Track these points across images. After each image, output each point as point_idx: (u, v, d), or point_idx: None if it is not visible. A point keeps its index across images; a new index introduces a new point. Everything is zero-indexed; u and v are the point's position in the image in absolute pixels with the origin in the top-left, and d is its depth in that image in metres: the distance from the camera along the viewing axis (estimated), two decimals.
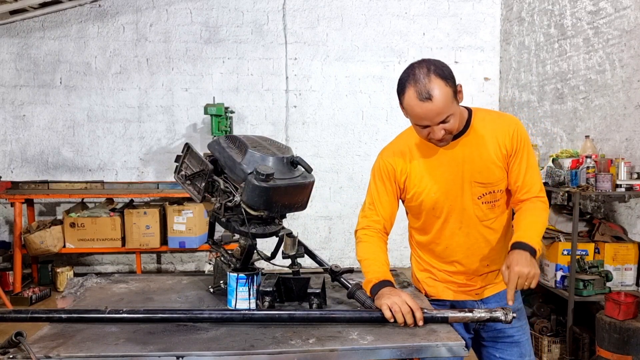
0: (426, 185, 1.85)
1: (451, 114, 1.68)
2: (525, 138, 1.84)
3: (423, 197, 1.86)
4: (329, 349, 1.47)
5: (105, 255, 6.05)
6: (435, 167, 1.84)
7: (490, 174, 1.82)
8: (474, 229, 1.87)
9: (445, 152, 1.83)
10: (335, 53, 6.11)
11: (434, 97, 1.63)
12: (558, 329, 3.78)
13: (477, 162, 1.81)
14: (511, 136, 1.81)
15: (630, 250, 3.65)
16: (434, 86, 1.64)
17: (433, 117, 1.67)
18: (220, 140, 1.81)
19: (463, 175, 1.82)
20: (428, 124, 1.69)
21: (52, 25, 5.84)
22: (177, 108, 6.01)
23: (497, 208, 1.87)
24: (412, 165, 1.87)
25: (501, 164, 1.82)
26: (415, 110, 1.68)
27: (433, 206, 1.86)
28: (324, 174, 6.06)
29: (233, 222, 1.75)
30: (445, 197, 1.84)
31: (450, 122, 1.70)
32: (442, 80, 1.65)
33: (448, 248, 1.92)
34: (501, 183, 1.84)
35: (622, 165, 3.60)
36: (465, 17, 6.16)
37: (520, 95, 5.68)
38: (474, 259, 1.91)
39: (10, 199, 5.25)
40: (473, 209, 1.85)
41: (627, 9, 3.91)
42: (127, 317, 1.63)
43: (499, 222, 1.90)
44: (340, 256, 6.19)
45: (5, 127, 5.88)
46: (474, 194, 1.83)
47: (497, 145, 1.81)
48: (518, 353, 1.98)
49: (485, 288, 1.97)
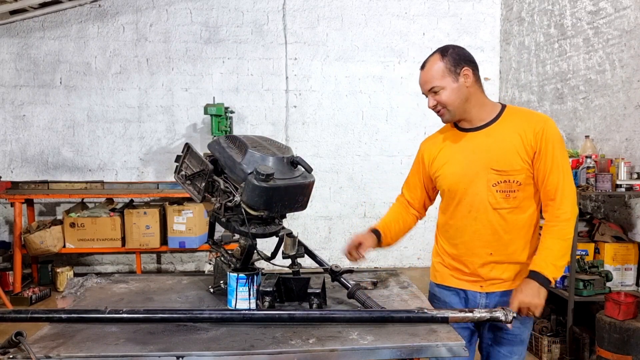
0: (446, 167, 2.00)
1: (441, 87, 1.89)
2: (553, 138, 1.87)
3: (441, 178, 2.01)
4: (329, 349, 1.47)
5: (105, 255, 6.05)
6: (457, 152, 1.98)
7: (507, 162, 1.88)
8: (483, 214, 1.93)
9: (471, 139, 1.96)
10: (335, 53, 6.11)
11: (425, 66, 1.93)
12: (558, 329, 3.78)
13: (497, 151, 1.90)
14: (535, 132, 1.87)
15: (630, 250, 3.65)
16: (431, 59, 1.93)
17: (423, 84, 1.94)
18: (220, 140, 1.81)
19: (481, 161, 1.91)
20: (424, 92, 1.96)
21: (52, 25, 5.84)
22: (177, 108, 6.01)
23: (512, 199, 1.90)
24: (439, 150, 2.04)
25: (523, 156, 1.87)
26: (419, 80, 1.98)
27: (449, 187, 1.99)
28: (324, 174, 6.06)
29: (233, 222, 1.75)
30: (460, 180, 1.95)
31: (441, 95, 1.90)
32: (440, 54, 1.92)
33: (457, 230, 2.00)
34: (518, 174, 1.88)
35: (622, 165, 3.60)
36: (465, 17, 6.16)
37: (520, 95, 5.68)
38: (478, 243, 1.95)
39: (10, 199, 5.25)
40: (486, 195, 1.91)
41: (627, 9, 3.91)
42: (127, 317, 1.63)
43: (513, 215, 1.92)
44: (340, 256, 6.12)
45: (5, 127, 5.88)
46: (489, 180, 1.90)
47: (521, 138, 1.88)
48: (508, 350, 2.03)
49: (492, 283, 1.98)
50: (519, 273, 1.96)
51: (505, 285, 1.97)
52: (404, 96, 6.15)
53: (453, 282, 2.04)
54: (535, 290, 1.80)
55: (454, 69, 1.88)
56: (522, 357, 2.07)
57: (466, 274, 2.00)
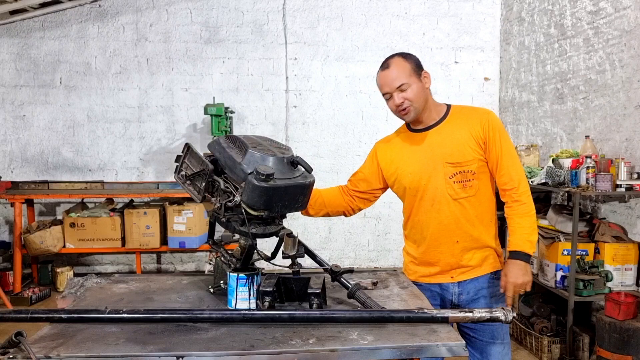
0: (404, 167, 2.13)
1: (408, 84, 2.01)
2: (497, 126, 2.06)
3: (401, 177, 2.14)
4: (329, 349, 1.47)
5: (105, 255, 6.05)
6: (412, 152, 2.13)
7: (460, 155, 2.05)
8: (445, 206, 2.07)
9: (422, 138, 2.12)
10: (335, 53, 6.11)
11: (390, 66, 2.04)
12: (558, 329, 3.78)
13: (449, 145, 2.06)
14: (482, 124, 2.05)
15: (630, 250, 3.65)
16: (393, 60, 2.05)
17: (390, 82, 2.02)
18: (220, 140, 1.81)
19: (436, 157, 2.07)
20: (389, 91, 2.04)
21: (52, 25, 5.84)
22: (177, 108, 6.02)
23: (468, 188, 2.06)
24: (396, 151, 2.18)
25: (473, 147, 2.04)
26: (378, 81, 2.07)
27: (409, 185, 2.12)
28: (324, 174, 6.06)
29: (233, 222, 1.75)
30: (419, 177, 2.09)
31: (408, 92, 2.01)
32: (402, 57, 2.05)
33: (422, 224, 2.13)
34: (471, 164, 2.04)
35: (622, 165, 3.60)
36: (465, 17, 6.16)
37: (520, 95, 5.68)
38: (444, 233, 2.09)
39: (10, 199, 5.25)
40: (445, 187, 2.06)
41: (627, 9, 3.91)
42: (127, 317, 1.63)
43: (471, 203, 2.07)
44: (340, 256, 6.19)
45: (5, 127, 5.88)
46: (446, 173, 2.06)
47: (469, 131, 2.05)
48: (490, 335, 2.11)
49: (462, 271, 2.11)
50: (485, 258, 2.11)
51: (474, 272, 2.11)
52: None
53: (425, 279, 2.16)
54: (522, 269, 1.96)
55: (417, 70, 2.04)
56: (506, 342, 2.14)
57: (437, 268, 2.12)
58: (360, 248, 6.27)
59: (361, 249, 6.27)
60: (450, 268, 2.11)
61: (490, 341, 2.11)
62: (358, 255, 6.27)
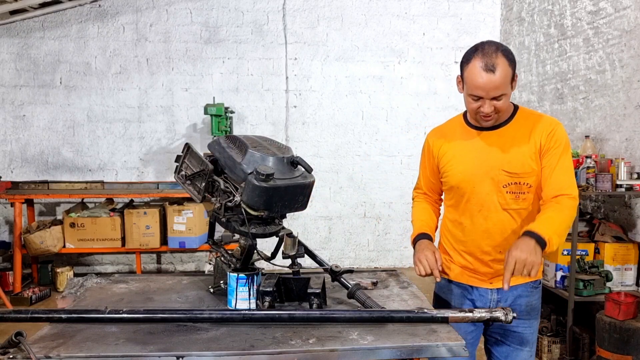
0: (454, 165, 1.97)
1: (505, 94, 1.80)
2: (562, 140, 1.88)
3: (450, 174, 1.99)
4: (329, 349, 1.47)
5: (105, 255, 6.05)
6: (468, 151, 1.96)
7: (519, 165, 1.88)
8: (494, 213, 1.92)
9: (483, 139, 1.93)
10: (335, 53, 6.10)
11: (497, 70, 1.76)
12: (558, 329, 3.78)
13: (510, 152, 1.89)
14: (548, 133, 1.87)
15: (630, 250, 3.65)
16: (499, 61, 1.77)
17: (490, 90, 1.78)
18: (220, 140, 1.81)
19: (493, 161, 1.90)
20: (482, 96, 1.80)
21: (52, 25, 5.84)
22: (177, 108, 6.01)
23: (521, 201, 1.91)
24: (449, 145, 2.00)
25: (534, 158, 1.88)
26: (476, 80, 1.79)
27: (458, 184, 1.97)
28: (324, 174, 6.06)
29: (233, 222, 1.75)
30: (469, 178, 1.93)
31: (502, 101, 1.81)
32: (507, 60, 1.79)
33: (467, 227, 1.99)
34: (529, 177, 1.88)
35: (622, 165, 3.60)
36: (465, 17, 6.16)
37: (520, 95, 5.67)
38: (489, 241, 1.95)
39: (10, 199, 5.24)
40: (496, 196, 1.91)
41: (627, 9, 3.90)
42: (127, 317, 1.63)
43: (521, 215, 1.92)
44: (340, 256, 6.19)
45: (5, 127, 5.88)
46: (500, 181, 1.90)
47: (534, 140, 1.88)
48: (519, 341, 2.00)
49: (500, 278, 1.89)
50: None
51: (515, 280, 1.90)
52: (404, 96, 6.16)
53: (464, 278, 2.03)
54: (532, 247, 1.67)
55: (512, 75, 1.82)
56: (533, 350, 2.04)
57: (475, 272, 2.00)
58: (360, 248, 6.27)
59: (361, 249, 6.27)
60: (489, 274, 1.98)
61: (518, 347, 2.01)
62: (358, 255, 6.26)
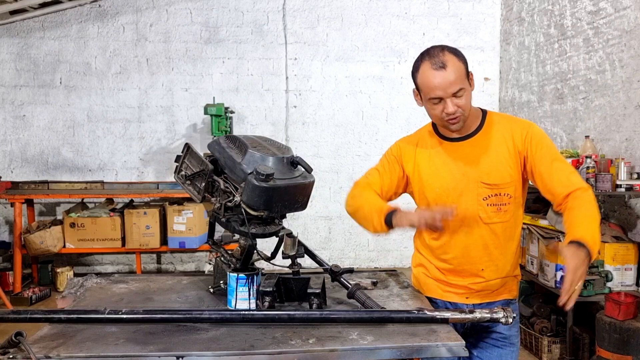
0: (432, 179, 1.87)
1: (464, 89, 1.73)
2: (542, 138, 1.81)
3: (425, 191, 1.89)
4: (329, 349, 1.47)
5: (105, 255, 6.05)
6: (443, 164, 1.86)
7: (498, 175, 1.80)
8: (475, 229, 1.84)
9: (456, 150, 1.85)
10: (335, 53, 6.10)
11: (447, 66, 1.70)
12: (558, 329, 3.78)
13: (487, 163, 1.81)
14: (524, 138, 1.80)
15: (630, 250, 3.64)
16: (447, 58, 1.72)
17: (447, 86, 1.70)
18: (220, 140, 1.81)
19: (470, 174, 1.82)
20: (441, 95, 1.72)
21: (52, 25, 5.84)
22: (177, 108, 6.01)
23: (502, 213, 1.83)
24: (420, 157, 1.90)
25: (512, 166, 1.80)
26: (429, 81, 1.73)
27: (435, 200, 1.87)
28: (324, 174, 6.06)
29: (233, 222, 1.75)
30: (447, 194, 1.84)
31: (464, 98, 1.73)
32: (455, 56, 1.74)
33: (446, 244, 1.90)
34: (509, 187, 1.81)
35: (622, 165, 3.60)
36: (465, 17, 6.16)
37: (520, 96, 5.67)
38: (469, 259, 1.88)
39: (10, 199, 5.25)
40: (477, 209, 1.83)
41: (627, 9, 3.90)
42: (127, 317, 1.63)
43: (503, 228, 1.85)
44: (340, 256, 6.19)
45: (5, 127, 5.88)
46: (480, 194, 1.82)
47: (510, 147, 1.81)
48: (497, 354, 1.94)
49: (479, 295, 1.92)
50: (504, 285, 1.93)
51: (491, 296, 1.92)
52: (404, 96, 6.15)
53: (438, 294, 1.96)
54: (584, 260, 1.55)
55: (467, 72, 1.75)
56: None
57: (452, 286, 1.93)
58: (360, 248, 6.26)
59: (361, 249, 6.27)
60: (467, 290, 1.92)
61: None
62: (358, 255, 6.26)
